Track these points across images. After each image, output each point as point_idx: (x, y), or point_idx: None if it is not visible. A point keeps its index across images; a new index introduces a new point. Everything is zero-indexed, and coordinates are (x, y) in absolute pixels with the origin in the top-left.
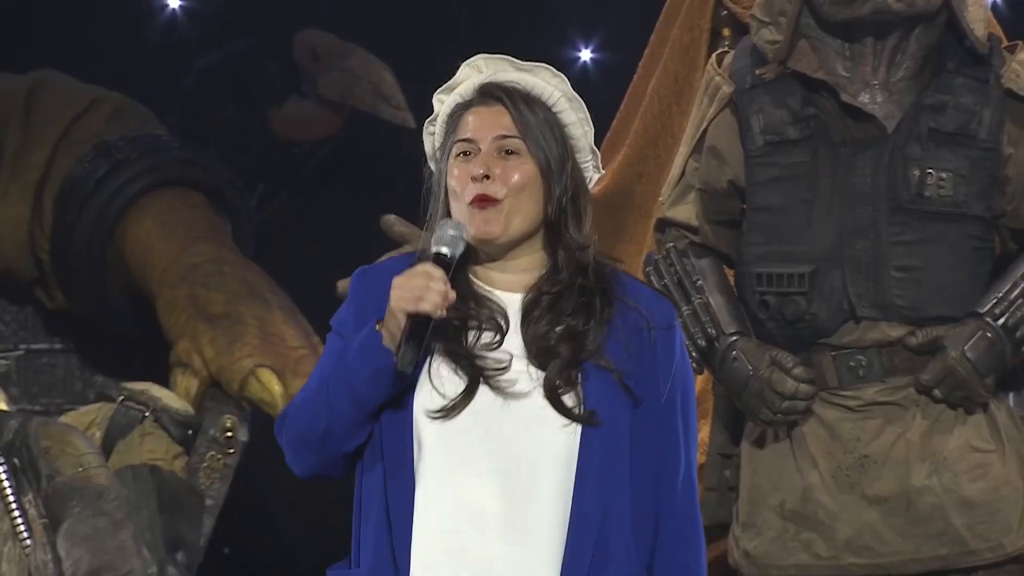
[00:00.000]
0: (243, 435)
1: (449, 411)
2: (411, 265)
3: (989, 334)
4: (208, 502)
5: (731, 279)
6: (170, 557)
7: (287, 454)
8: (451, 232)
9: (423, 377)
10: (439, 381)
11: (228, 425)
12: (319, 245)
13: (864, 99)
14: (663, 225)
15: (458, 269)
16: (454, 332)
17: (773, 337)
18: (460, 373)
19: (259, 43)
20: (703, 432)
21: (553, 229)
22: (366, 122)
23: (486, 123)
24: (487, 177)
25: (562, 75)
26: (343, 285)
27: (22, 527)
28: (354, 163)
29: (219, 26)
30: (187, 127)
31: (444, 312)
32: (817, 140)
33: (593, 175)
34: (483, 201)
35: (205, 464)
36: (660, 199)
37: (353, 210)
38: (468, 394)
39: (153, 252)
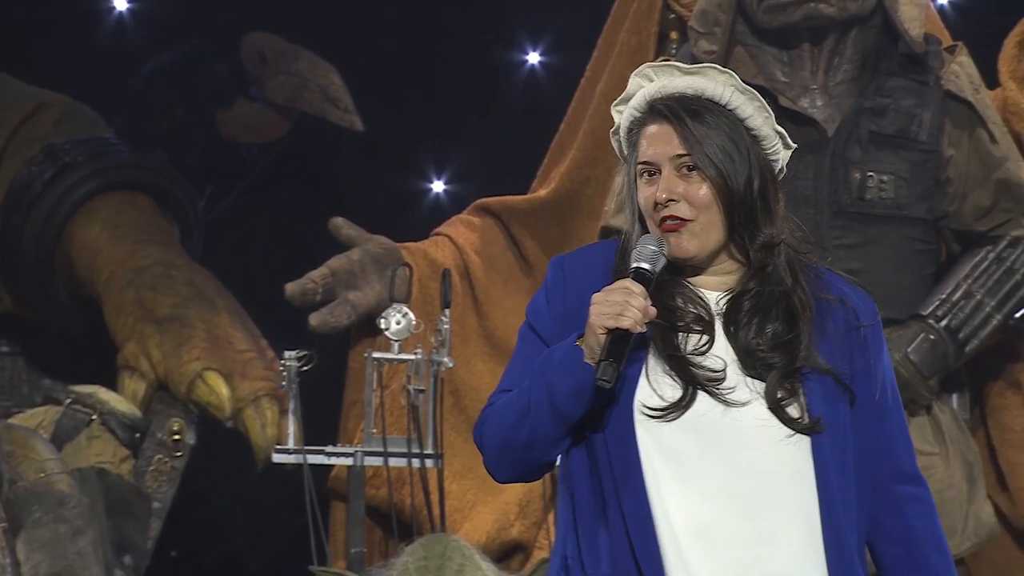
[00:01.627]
0: (190, 438)
1: (667, 412)
2: (607, 255)
3: (932, 336)
4: (155, 505)
5: None
6: (117, 560)
7: (485, 459)
8: (652, 248)
9: (641, 377)
10: (656, 383)
11: (175, 428)
12: (267, 247)
13: (804, 103)
14: (606, 233)
15: (669, 269)
16: (666, 333)
17: None
18: (676, 377)
19: (207, 46)
20: None
21: (742, 231)
22: (314, 125)
23: (659, 144)
24: (673, 200)
25: (730, 71)
26: (292, 288)
27: None
28: (302, 166)
29: (167, 29)
30: (135, 130)
31: (644, 328)
32: None
33: (784, 154)
34: (673, 224)
35: (152, 467)
36: (605, 207)
37: (301, 212)
38: (687, 400)
39: (101, 255)
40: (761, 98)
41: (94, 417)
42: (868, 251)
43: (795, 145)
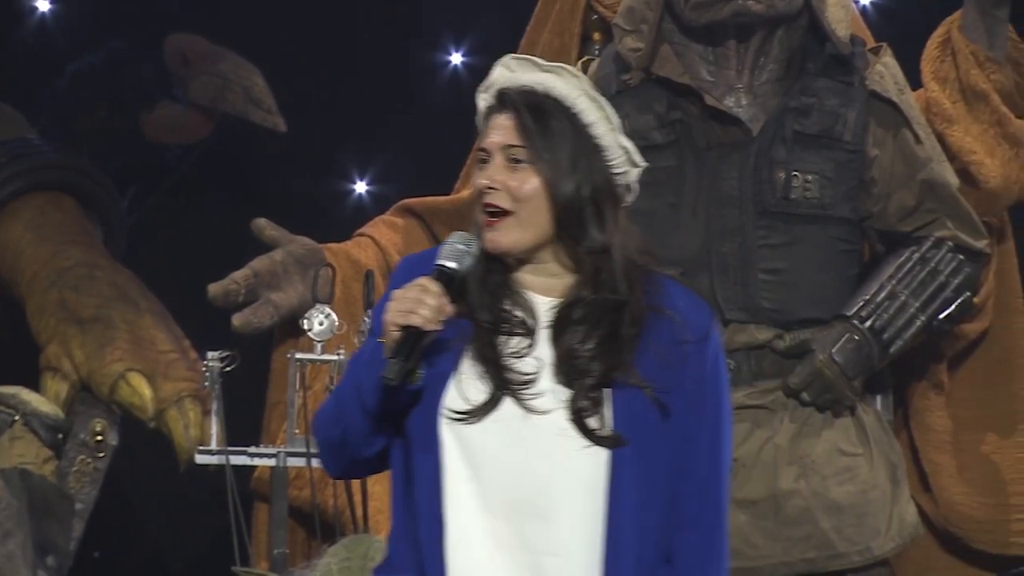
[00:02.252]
0: (113, 439)
1: (468, 416)
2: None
3: (856, 336)
4: (78, 506)
5: None
6: (40, 561)
7: (320, 458)
8: (458, 246)
9: (452, 378)
10: (465, 384)
11: (98, 429)
12: (190, 248)
13: (729, 102)
14: None
15: (499, 269)
16: (486, 334)
17: None
18: (486, 379)
19: (131, 46)
20: None
21: (567, 234)
22: (237, 126)
23: (497, 132)
24: (493, 188)
25: (584, 76)
26: (214, 289)
27: None
28: (225, 167)
29: (90, 30)
30: (58, 130)
31: (438, 326)
32: (683, 144)
33: (628, 170)
34: (492, 213)
35: (75, 468)
36: None
37: (224, 213)
38: (491, 403)
39: (23, 256)
40: (610, 109)
41: (16, 418)
42: (793, 251)
43: (644, 164)
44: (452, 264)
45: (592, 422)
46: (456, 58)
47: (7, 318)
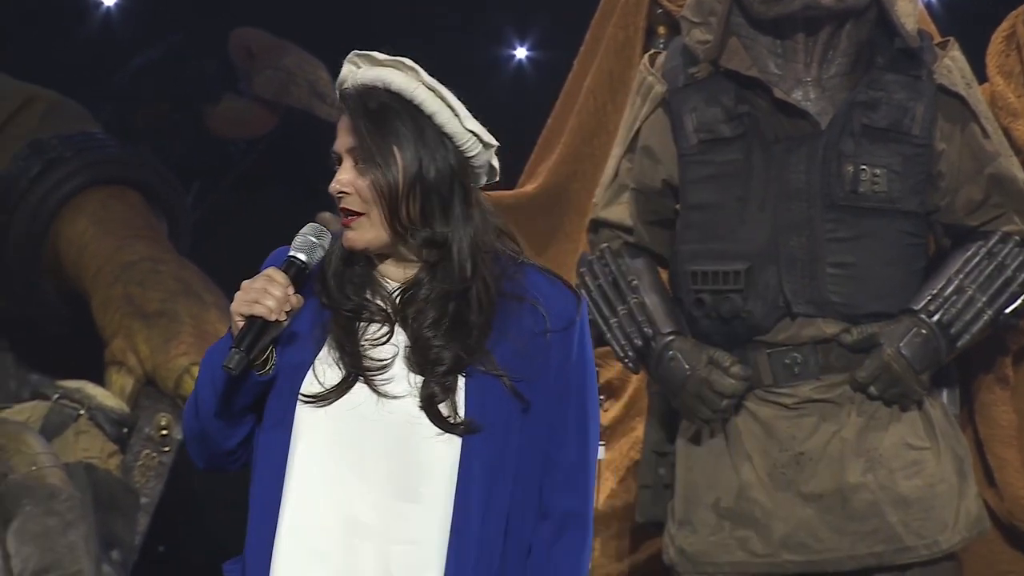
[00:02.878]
0: (178, 433)
1: (320, 400)
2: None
3: (924, 331)
4: (143, 500)
5: (664, 280)
6: (105, 555)
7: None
8: (309, 237)
9: (312, 364)
10: (322, 369)
11: (163, 423)
12: (254, 243)
13: (797, 96)
14: (596, 226)
15: (361, 259)
16: (345, 322)
17: (708, 335)
18: (341, 365)
19: (195, 41)
20: (638, 430)
21: (405, 226)
22: (301, 120)
23: (341, 135)
24: (345, 193)
25: (417, 67)
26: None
27: None
28: (289, 161)
29: (154, 24)
30: (122, 125)
31: (282, 316)
32: (751, 137)
33: (480, 151)
34: (346, 216)
35: (140, 462)
36: (594, 200)
37: (288, 207)
38: (343, 388)
39: (88, 251)
40: (451, 97)
41: (82, 412)
42: (860, 244)
43: (495, 143)
44: (302, 256)
45: (444, 409)
46: (520, 52)
47: (71, 313)
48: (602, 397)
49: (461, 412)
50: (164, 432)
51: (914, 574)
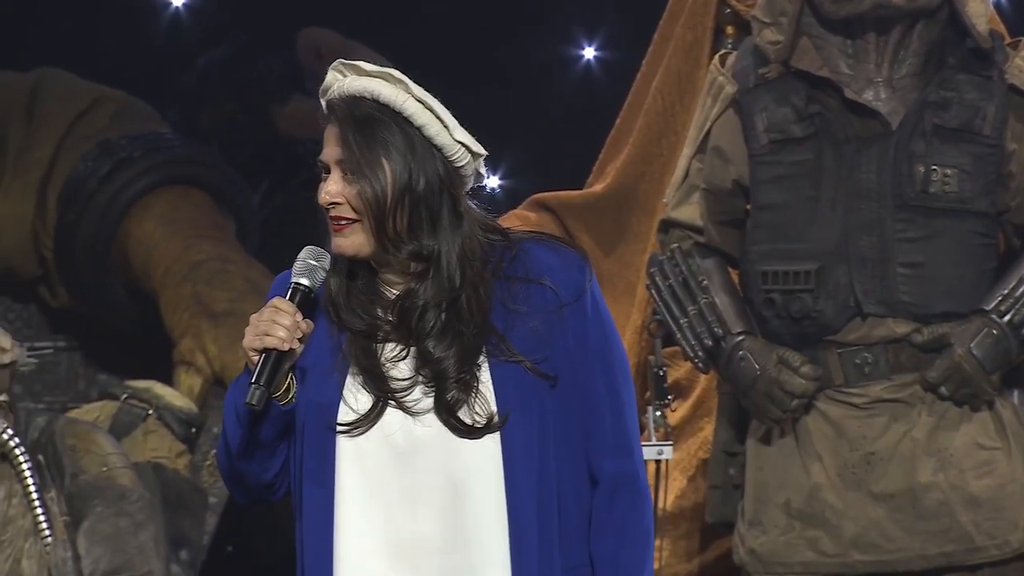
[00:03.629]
0: None
1: (356, 427)
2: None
3: (995, 331)
4: (211, 500)
5: (734, 280)
6: (173, 555)
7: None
8: (309, 261)
9: (344, 390)
10: (352, 397)
11: None
12: (321, 243)
13: (868, 96)
14: (667, 226)
15: (364, 274)
16: (364, 342)
17: (778, 335)
18: (367, 388)
19: (262, 41)
20: (707, 430)
21: (391, 238)
22: None
23: (329, 145)
24: (336, 203)
25: (406, 79)
26: None
27: (44, 524)
28: None
29: (222, 24)
30: (190, 125)
31: (295, 344)
32: (821, 137)
33: (468, 162)
34: (337, 224)
35: (208, 462)
36: (664, 200)
37: None
38: (375, 413)
39: (156, 250)
40: (440, 107)
41: (150, 412)
42: (931, 244)
43: (484, 152)
44: (304, 280)
45: (465, 416)
46: (589, 52)
47: (140, 312)
48: (671, 397)
49: (493, 406)
50: None
51: (984, 574)
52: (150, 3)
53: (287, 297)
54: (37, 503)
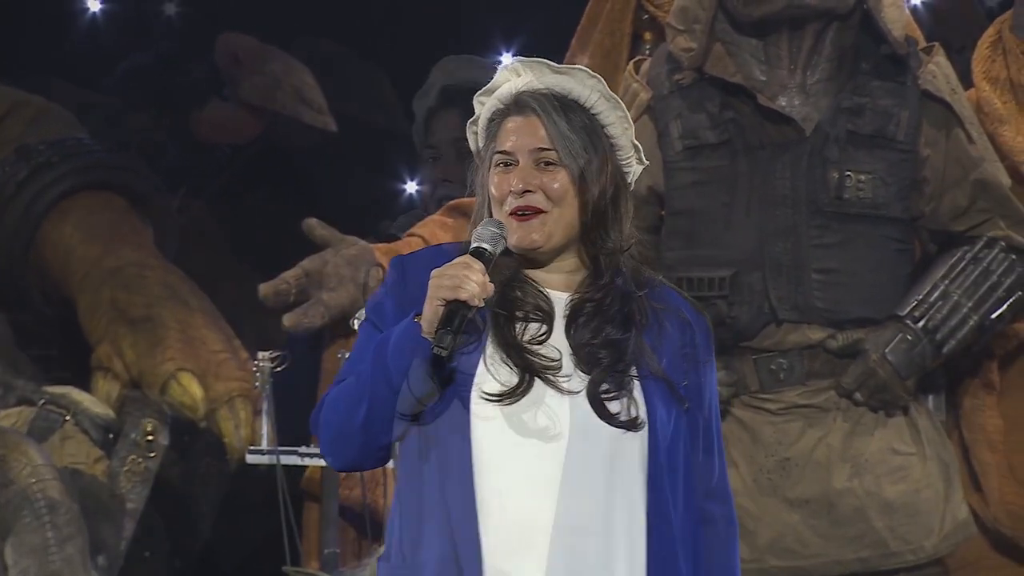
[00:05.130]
0: (164, 439)
1: (505, 397)
2: (451, 255)
3: (909, 336)
4: (129, 506)
5: None
6: (91, 561)
7: (323, 446)
8: (493, 230)
9: (480, 363)
10: (494, 368)
11: (149, 429)
12: (241, 248)
13: (782, 102)
14: None
15: (510, 261)
16: (505, 322)
17: None
18: (511, 363)
19: (181, 46)
20: None
21: (593, 233)
22: (287, 125)
23: (522, 136)
24: (529, 191)
25: (599, 76)
26: (265, 288)
27: None
28: (275, 166)
29: (140, 30)
30: (108, 130)
31: (481, 302)
32: (736, 143)
33: (636, 168)
34: (524, 212)
35: (126, 468)
36: None
37: (274, 213)
38: (524, 386)
39: (74, 255)
40: (624, 108)
41: (68, 418)
42: (846, 250)
43: (647, 162)
44: (488, 246)
45: (613, 406)
46: (506, 58)
47: (57, 318)
48: None
49: (641, 410)
50: (150, 437)
51: None
52: (68, 8)
53: (473, 256)
54: None
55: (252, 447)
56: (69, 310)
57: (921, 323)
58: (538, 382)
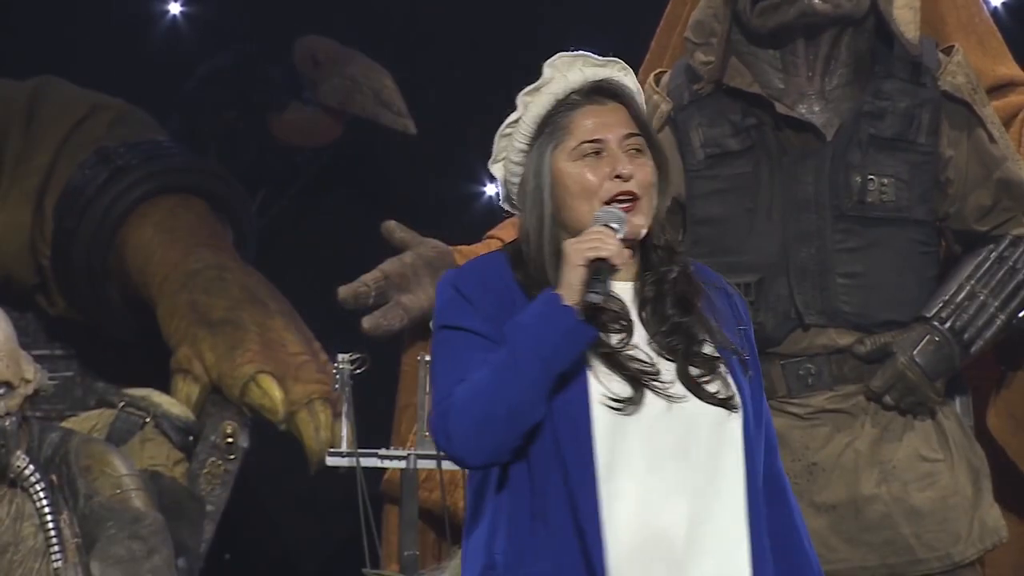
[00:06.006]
0: (244, 441)
1: (626, 405)
2: (499, 263)
3: (937, 338)
4: (209, 508)
5: None
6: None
7: (457, 447)
8: (619, 212)
9: (588, 372)
10: (605, 378)
11: (229, 431)
12: (320, 251)
13: (801, 109)
14: None
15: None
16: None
17: None
18: (618, 373)
19: (260, 49)
20: None
21: (658, 220)
22: (367, 128)
23: (609, 122)
24: (632, 177)
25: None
26: (344, 291)
27: (55, 545)
28: (355, 169)
29: (220, 32)
30: (188, 133)
31: (620, 264)
32: (758, 150)
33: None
34: (628, 199)
35: (206, 470)
36: None
37: (354, 216)
38: (640, 394)
39: (154, 259)
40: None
41: (147, 420)
42: (871, 254)
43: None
44: (617, 226)
45: (712, 387)
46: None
47: (137, 321)
48: None
49: (733, 388)
50: (230, 440)
51: None
52: (148, 11)
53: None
54: (50, 524)
55: (332, 449)
56: (148, 313)
57: (948, 324)
58: (646, 390)
